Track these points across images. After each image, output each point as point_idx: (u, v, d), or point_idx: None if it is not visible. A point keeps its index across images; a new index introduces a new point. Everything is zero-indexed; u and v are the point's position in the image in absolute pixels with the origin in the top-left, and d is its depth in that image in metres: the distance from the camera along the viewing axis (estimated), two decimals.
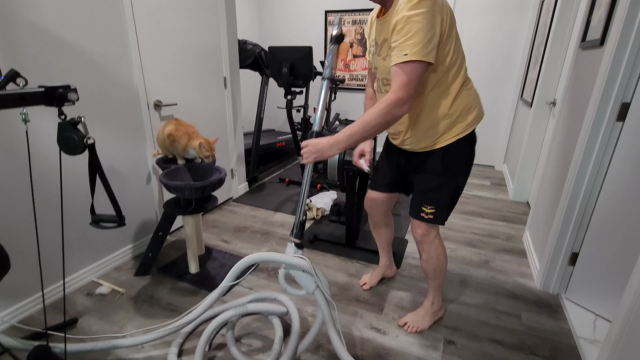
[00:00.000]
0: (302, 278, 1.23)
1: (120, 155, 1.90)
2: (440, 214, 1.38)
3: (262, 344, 1.49)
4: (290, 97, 2.75)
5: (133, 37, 1.85)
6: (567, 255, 1.75)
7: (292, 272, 1.24)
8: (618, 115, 1.48)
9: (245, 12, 4.27)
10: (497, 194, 3.25)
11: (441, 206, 1.36)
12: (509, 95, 3.77)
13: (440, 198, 1.36)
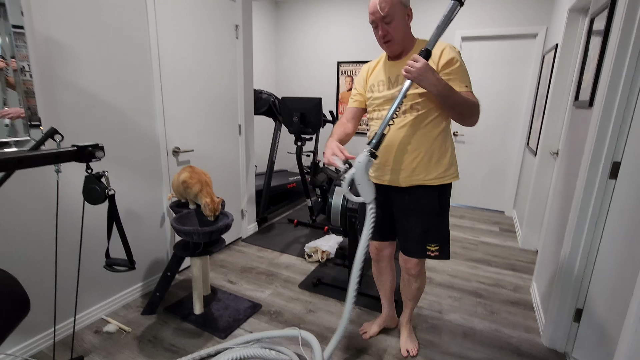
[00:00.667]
0: (363, 186, 1.31)
1: (137, 198, 2.04)
2: (445, 249, 1.53)
3: None
4: (300, 144, 2.91)
5: (158, 91, 2.06)
6: (571, 311, 1.73)
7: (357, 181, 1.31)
8: (610, 173, 1.53)
9: (264, 63, 4.61)
10: (506, 241, 3.22)
11: (444, 242, 1.52)
12: (516, 141, 3.84)
13: (442, 235, 1.52)
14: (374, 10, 1.34)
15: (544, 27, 3.44)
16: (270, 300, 2.16)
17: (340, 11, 4.30)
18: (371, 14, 1.35)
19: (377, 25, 1.37)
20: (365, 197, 1.33)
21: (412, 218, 1.51)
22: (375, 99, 1.51)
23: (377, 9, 1.31)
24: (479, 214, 3.98)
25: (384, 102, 1.48)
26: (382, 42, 1.40)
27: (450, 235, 1.56)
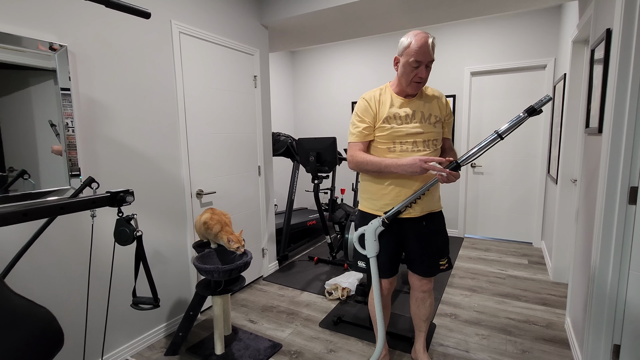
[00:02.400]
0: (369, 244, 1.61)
1: (163, 239, 2.16)
2: (449, 261, 1.74)
3: None
4: (317, 182, 3.00)
5: (184, 139, 2.24)
6: (608, 347, 1.62)
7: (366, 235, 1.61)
8: (629, 199, 1.51)
9: (282, 107, 4.88)
10: (536, 274, 3.08)
11: (448, 254, 1.73)
12: (537, 170, 3.78)
13: (447, 249, 1.73)
14: (426, 52, 1.47)
15: (552, 58, 3.51)
16: (290, 340, 2.14)
17: (350, 55, 4.57)
18: (422, 55, 1.47)
19: (419, 66, 1.50)
20: (369, 252, 1.61)
21: (428, 241, 1.67)
22: (397, 131, 1.58)
23: (430, 52, 1.48)
24: (506, 246, 3.84)
25: (407, 136, 1.58)
26: (417, 82, 1.54)
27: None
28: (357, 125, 1.63)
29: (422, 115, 1.60)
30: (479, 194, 4.12)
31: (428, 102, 1.62)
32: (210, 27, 2.43)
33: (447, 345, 2.06)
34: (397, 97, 1.61)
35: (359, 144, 1.64)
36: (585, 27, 2.22)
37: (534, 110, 1.38)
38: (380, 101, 1.61)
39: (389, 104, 1.60)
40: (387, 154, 1.61)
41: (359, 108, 1.64)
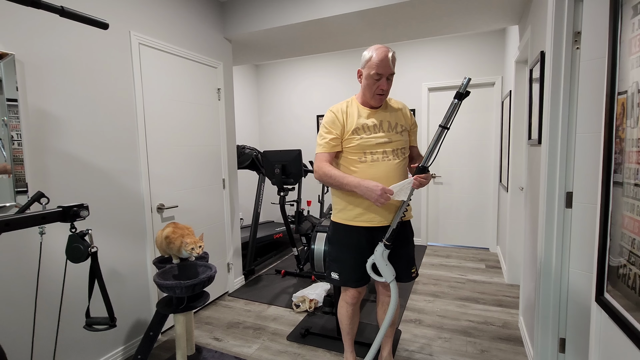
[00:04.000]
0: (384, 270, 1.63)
1: (121, 257, 2.05)
2: (417, 269, 1.81)
3: None
4: (283, 194, 3.00)
5: (143, 152, 2.18)
6: (555, 341, 1.74)
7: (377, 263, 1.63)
8: (566, 203, 1.66)
9: (247, 121, 4.87)
10: (492, 277, 3.25)
11: (415, 264, 1.80)
12: (490, 180, 4.04)
13: (414, 258, 1.80)
14: (386, 65, 1.54)
15: (500, 76, 3.82)
16: (257, 356, 2.10)
17: (315, 69, 4.68)
18: (382, 68, 1.54)
19: (380, 79, 1.57)
20: (387, 277, 1.64)
21: (401, 250, 1.70)
22: (366, 141, 1.62)
23: (390, 65, 1.56)
24: (465, 252, 4.04)
25: (376, 145, 1.63)
26: (379, 94, 1.60)
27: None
28: (324, 137, 1.66)
29: (389, 125, 1.66)
30: (439, 204, 4.32)
31: (393, 112, 1.70)
32: (172, 39, 2.41)
33: (412, 350, 2.12)
34: (364, 108, 1.67)
35: (325, 154, 1.66)
36: (524, 49, 2.46)
37: (461, 94, 1.47)
38: (347, 113, 1.66)
39: (356, 115, 1.65)
40: (358, 164, 1.63)
41: (326, 120, 1.67)
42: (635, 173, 0.77)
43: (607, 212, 0.91)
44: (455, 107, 1.50)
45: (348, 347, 1.89)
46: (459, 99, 1.49)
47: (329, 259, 1.77)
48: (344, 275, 1.71)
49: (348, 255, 1.70)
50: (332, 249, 1.76)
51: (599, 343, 0.99)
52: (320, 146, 1.68)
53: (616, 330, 0.87)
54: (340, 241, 1.71)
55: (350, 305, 1.78)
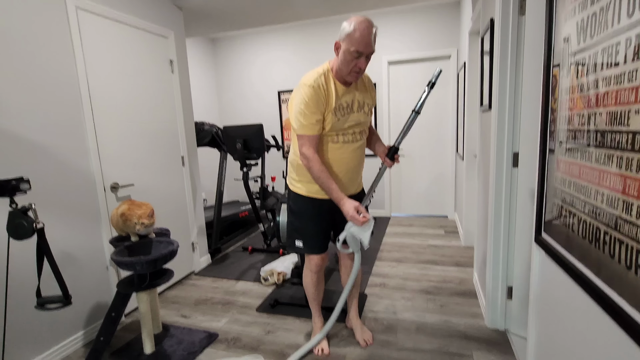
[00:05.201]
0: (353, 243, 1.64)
1: (75, 239, 1.94)
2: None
3: None
4: (246, 170, 2.96)
5: (91, 128, 2.03)
6: (504, 289, 1.91)
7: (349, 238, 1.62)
8: (513, 163, 1.78)
9: (206, 97, 4.67)
10: (451, 241, 3.46)
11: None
12: (448, 150, 4.22)
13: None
14: (368, 43, 1.44)
15: (455, 48, 3.93)
16: (227, 328, 2.11)
17: (274, 44, 4.55)
18: (363, 46, 1.43)
19: (359, 57, 1.46)
20: (355, 249, 1.67)
21: None
22: (342, 123, 1.58)
23: (372, 43, 1.46)
24: (426, 221, 4.24)
25: (348, 127, 1.62)
26: (356, 72, 1.51)
27: None
28: (309, 117, 1.51)
29: (359, 105, 1.63)
30: (401, 176, 4.46)
31: (362, 91, 1.66)
32: (115, 4, 2.22)
33: (378, 310, 2.23)
34: (340, 86, 1.58)
35: (313, 138, 1.55)
36: (477, 19, 2.54)
37: (433, 84, 1.56)
38: (328, 91, 1.54)
39: (334, 93, 1.55)
40: (331, 144, 1.61)
41: (310, 97, 1.50)
42: (567, 121, 0.84)
43: (544, 160, 0.98)
44: (427, 94, 1.59)
45: (316, 312, 1.95)
46: (431, 88, 1.58)
47: (292, 228, 1.79)
48: (308, 243, 1.74)
49: (311, 224, 1.72)
50: (294, 218, 1.77)
51: (537, 279, 1.09)
52: (304, 127, 1.53)
53: (551, 265, 0.97)
54: (304, 211, 1.72)
55: (315, 273, 1.82)
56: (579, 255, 0.78)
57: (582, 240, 0.76)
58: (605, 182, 0.67)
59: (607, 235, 0.66)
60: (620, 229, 0.62)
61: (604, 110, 0.67)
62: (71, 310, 1.92)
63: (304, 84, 1.53)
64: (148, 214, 1.73)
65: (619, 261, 0.62)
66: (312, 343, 1.83)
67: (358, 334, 1.91)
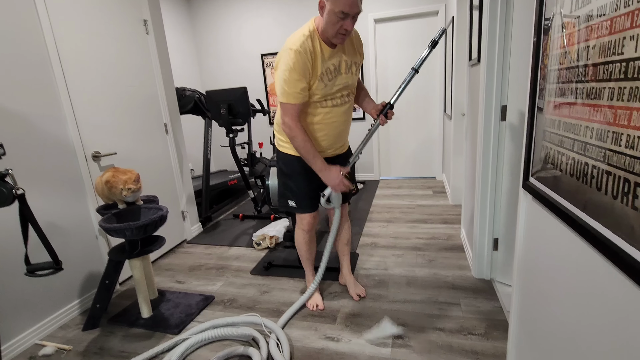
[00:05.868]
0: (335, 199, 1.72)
1: (60, 210, 1.90)
2: (357, 184, 1.91)
3: None
4: (232, 136, 2.89)
5: (64, 92, 1.92)
6: (490, 241, 1.98)
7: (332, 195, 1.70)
8: (501, 116, 1.78)
9: (185, 61, 4.46)
10: (439, 201, 3.53)
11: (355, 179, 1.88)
12: (436, 112, 4.20)
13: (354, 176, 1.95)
14: (354, 3, 1.35)
15: (443, 4, 3.79)
16: (222, 291, 2.15)
17: (256, 4, 4.31)
18: (349, 6, 1.35)
19: (345, 18, 1.37)
20: (336, 205, 1.74)
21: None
22: (330, 88, 1.53)
23: (358, 3, 1.37)
24: (415, 182, 4.29)
25: (336, 91, 1.57)
26: (342, 34, 1.42)
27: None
28: (294, 85, 1.44)
29: (346, 65, 1.56)
30: (390, 139, 4.45)
31: (350, 49, 1.58)
32: None
33: (369, 267, 2.29)
34: (326, 48, 1.49)
35: (296, 107, 1.49)
36: None
37: (435, 42, 1.53)
38: (315, 54, 1.46)
39: (320, 57, 1.47)
40: (319, 109, 1.57)
41: (295, 63, 1.41)
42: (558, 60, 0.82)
43: (534, 104, 0.98)
44: (428, 54, 1.55)
45: (309, 271, 1.99)
46: (433, 47, 1.53)
47: (283, 189, 1.79)
48: (299, 202, 1.75)
49: (302, 184, 1.72)
50: (285, 179, 1.76)
51: (524, 223, 1.12)
52: (289, 95, 1.47)
53: (537, 208, 0.99)
54: (295, 171, 1.71)
55: (307, 232, 1.84)
56: (566, 194, 0.79)
57: (570, 179, 0.77)
58: (596, 116, 0.66)
59: (595, 169, 0.67)
60: (608, 160, 0.62)
61: (597, 42, 0.66)
62: (64, 279, 1.92)
63: (289, 47, 1.43)
64: (134, 180, 1.69)
65: (605, 192, 0.63)
66: (305, 297, 1.89)
67: (351, 290, 1.97)
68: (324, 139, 1.65)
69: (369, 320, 1.76)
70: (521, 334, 1.18)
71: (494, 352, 1.49)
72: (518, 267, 1.18)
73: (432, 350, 1.53)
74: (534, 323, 1.05)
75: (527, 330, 1.12)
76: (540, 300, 1.00)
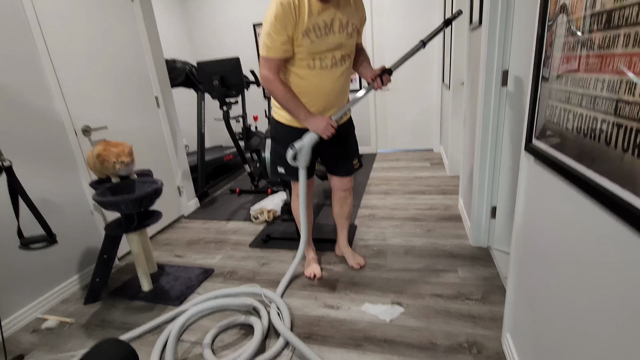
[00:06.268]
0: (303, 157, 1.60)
1: (52, 187, 1.86)
2: (360, 160, 1.86)
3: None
4: (226, 108, 2.82)
5: (48, 65, 1.84)
6: (488, 209, 1.98)
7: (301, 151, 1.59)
8: (502, 81, 1.73)
9: (176, 34, 4.29)
10: (436, 172, 3.52)
11: (359, 155, 1.85)
12: (434, 82, 4.11)
13: (358, 150, 1.85)
14: None
15: None
16: (222, 264, 2.16)
17: None
18: None
19: None
20: (301, 164, 1.62)
21: (345, 145, 1.76)
22: (317, 46, 1.44)
23: None
24: (412, 155, 4.27)
25: (327, 51, 1.47)
26: None
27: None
28: (273, 38, 1.39)
29: (341, 24, 1.46)
30: (387, 111, 4.38)
31: (347, 6, 1.48)
32: None
33: (367, 238, 2.30)
34: (316, 3, 1.39)
35: (275, 61, 1.44)
36: None
37: (449, 21, 1.50)
38: (299, 8, 1.37)
39: (307, 11, 1.37)
40: (305, 70, 1.49)
41: (276, 15, 1.35)
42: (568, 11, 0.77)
43: (540, 59, 0.93)
44: (440, 30, 1.53)
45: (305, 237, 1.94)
46: (446, 25, 1.54)
47: (274, 156, 1.77)
48: (289, 169, 1.70)
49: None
50: (276, 145, 1.73)
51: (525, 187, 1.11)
52: (269, 49, 1.41)
53: (540, 170, 0.97)
54: (285, 138, 1.66)
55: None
56: (571, 152, 0.77)
57: (576, 136, 0.74)
58: (608, 67, 0.63)
59: (604, 123, 0.64)
60: (620, 112, 0.59)
61: None
62: (62, 255, 1.91)
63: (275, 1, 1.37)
64: (126, 152, 1.64)
65: (615, 147, 0.61)
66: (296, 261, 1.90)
67: (350, 260, 1.98)
68: (311, 105, 1.56)
69: (368, 289, 1.78)
70: (518, 295, 1.19)
71: (491, 316, 1.52)
72: (517, 229, 1.18)
73: (429, 315, 1.56)
74: (531, 284, 1.06)
75: (524, 290, 1.13)
76: (539, 261, 1.00)
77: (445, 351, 1.37)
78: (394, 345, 1.42)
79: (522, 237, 1.15)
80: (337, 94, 1.60)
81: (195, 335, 1.56)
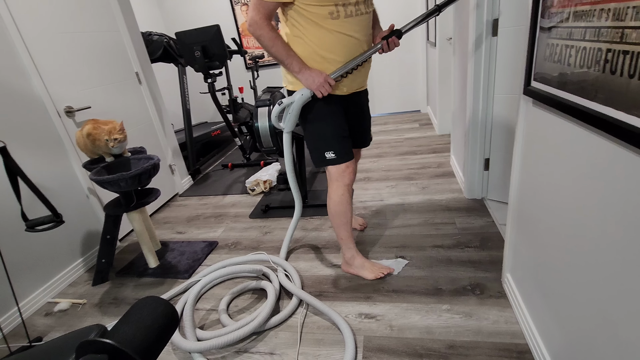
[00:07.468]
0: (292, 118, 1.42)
1: (42, 172, 1.81)
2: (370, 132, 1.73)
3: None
4: (211, 81, 2.73)
5: (19, 41, 1.73)
6: (481, 162, 2.03)
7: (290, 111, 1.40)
8: (493, 31, 1.72)
9: (147, 4, 4.05)
10: (426, 132, 3.55)
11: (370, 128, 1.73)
12: (418, 41, 4.05)
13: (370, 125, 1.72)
14: None
15: None
16: (225, 236, 2.19)
17: None
18: None
19: None
20: (287, 127, 1.44)
21: (366, 115, 1.64)
22: None
23: None
24: (400, 117, 4.27)
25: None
26: None
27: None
28: None
29: None
30: (372, 75, 4.32)
31: None
32: None
33: (365, 200, 2.35)
34: None
35: (270, 4, 1.22)
36: None
37: None
38: None
39: None
40: (328, 20, 1.24)
41: None
42: None
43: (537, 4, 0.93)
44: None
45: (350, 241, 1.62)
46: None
47: (318, 139, 1.45)
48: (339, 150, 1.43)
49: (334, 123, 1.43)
50: (314, 127, 1.44)
51: (523, 131, 1.14)
52: None
53: (539, 112, 1.00)
54: (323, 114, 1.41)
55: (350, 186, 1.52)
56: (573, 87, 0.79)
57: (579, 70, 0.76)
58: None
59: (609, 53, 0.66)
60: (626, 39, 0.61)
61: None
62: (63, 240, 1.90)
63: None
64: (118, 129, 1.60)
65: (621, 74, 0.63)
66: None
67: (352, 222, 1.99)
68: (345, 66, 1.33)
69: (372, 247, 1.84)
70: (518, 236, 1.26)
71: (490, 260, 1.60)
72: (516, 173, 1.22)
73: (432, 264, 1.64)
74: (530, 225, 1.12)
75: (523, 231, 1.20)
76: (539, 201, 1.05)
77: (451, 294, 1.45)
78: (402, 294, 1.49)
79: (521, 180, 1.19)
80: (365, 47, 1.38)
81: (210, 303, 1.60)
